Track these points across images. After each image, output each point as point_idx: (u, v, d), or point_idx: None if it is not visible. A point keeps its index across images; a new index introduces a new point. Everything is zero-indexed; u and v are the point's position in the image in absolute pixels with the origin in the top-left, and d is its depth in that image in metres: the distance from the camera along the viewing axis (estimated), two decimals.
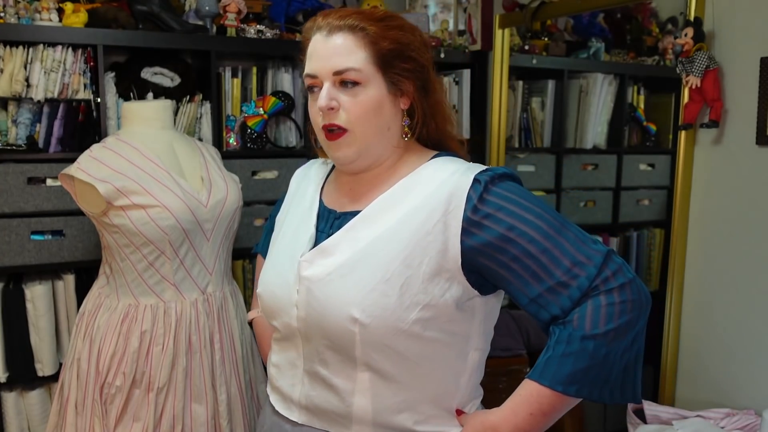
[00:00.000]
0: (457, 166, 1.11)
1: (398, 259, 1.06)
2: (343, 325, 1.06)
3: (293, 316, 1.14)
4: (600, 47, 2.74)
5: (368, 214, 1.12)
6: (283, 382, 1.20)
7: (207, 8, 2.34)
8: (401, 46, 1.11)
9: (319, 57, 1.11)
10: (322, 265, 1.11)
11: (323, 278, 1.10)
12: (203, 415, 1.83)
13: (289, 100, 2.45)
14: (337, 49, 1.09)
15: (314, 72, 1.12)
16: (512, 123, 2.75)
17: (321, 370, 1.13)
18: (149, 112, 1.91)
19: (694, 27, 1.85)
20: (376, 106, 1.10)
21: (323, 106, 1.10)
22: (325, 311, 1.08)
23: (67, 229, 2.14)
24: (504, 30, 2.61)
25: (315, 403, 1.14)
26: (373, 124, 1.11)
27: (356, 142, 1.11)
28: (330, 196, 1.23)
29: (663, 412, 1.84)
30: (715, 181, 1.90)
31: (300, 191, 1.30)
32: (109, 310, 1.81)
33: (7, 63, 2.07)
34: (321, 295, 1.09)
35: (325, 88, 1.10)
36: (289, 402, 1.19)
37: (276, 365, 1.23)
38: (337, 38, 1.10)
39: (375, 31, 1.09)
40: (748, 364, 1.83)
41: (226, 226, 1.90)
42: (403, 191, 1.12)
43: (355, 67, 1.09)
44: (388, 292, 1.05)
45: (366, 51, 1.09)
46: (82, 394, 1.80)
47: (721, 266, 1.90)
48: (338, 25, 1.10)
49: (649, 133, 2.79)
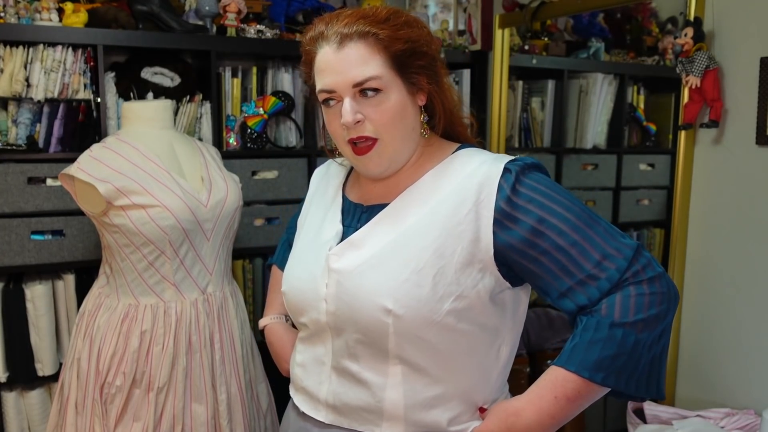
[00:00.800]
0: (485, 157, 1.11)
1: (430, 250, 1.06)
2: (375, 316, 1.05)
3: (322, 310, 1.12)
4: (600, 47, 2.74)
5: (397, 206, 1.12)
6: (310, 381, 1.18)
7: (207, 8, 2.34)
8: (413, 44, 1.09)
9: (334, 71, 1.07)
10: (352, 257, 1.10)
11: (353, 270, 1.09)
12: (203, 414, 1.83)
13: (289, 100, 2.45)
14: (352, 61, 1.06)
15: (331, 87, 1.08)
16: (512, 123, 2.75)
17: (351, 366, 1.11)
18: (149, 112, 1.91)
19: (694, 27, 1.85)
20: (400, 111, 1.09)
21: (349, 121, 1.06)
22: (357, 303, 1.07)
23: (67, 229, 2.14)
24: (504, 30, 2.62)
25: (343, 401, 1.12)
26: (400, 130, 1.10)
27: (386, 152, 1.10)
28: (354, 191, 1.22)
29: (663, 412, 1.84)
30: (715, 181, 1.90)
31: (320, 190, 1.30)
32: (109, 310, 1.81)
33: (7, 63, 2.07)
34: (352, 287, 1.08)
35: (347, 103, 1.07)
36: (315, 401, 1.17)
37: (301, 364, 1.21)
38: (350, 49, 1.06)
39: (386, 34, 1.06)
40: (748, 364, 1.83)
41: (226, 226, 1.90)
42: (431, 182, 1.12)
43: (374, 75, 1.06)
44: (421, 283, 1.04)
45: (381, 56, 1.07)
46: (82, 394, 1.80)
47: (721, 266, 1.90)
48: (347, 34, 1.06)
49: (649, 133, 2.79)
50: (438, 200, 1.09)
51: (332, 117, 1.11)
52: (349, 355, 1.11)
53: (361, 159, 1.11)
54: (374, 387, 1.09)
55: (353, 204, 1.19)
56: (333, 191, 1.25)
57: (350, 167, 1.28)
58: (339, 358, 1.12)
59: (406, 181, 1.14)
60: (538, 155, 2.75)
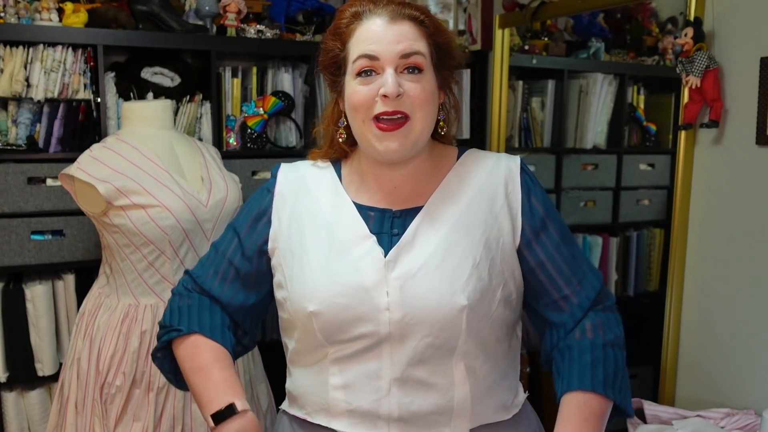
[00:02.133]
0: (494, 154, 1.20)
1: (480, 243, 1.10)
2: (451, 314, 1.05)
3: (383, 321, 1.06)
4: (600, 47, 2.74)
5: (432, 207, 1.13)
6: (363, 400, 1.09)
7: (207, 8, 2.34)
8: (450, 43, 1.15)
9: (383, 40, 1.07)
10: (409, 261, 1.09)
11: (416, 273, 1.07)
12: None
13: (289, 100, 2.45)
14: (403, 34, 1.08)
15: (376, 53, 1.07)
16: (512, 123, 2.75)
17: (416, 373, 1.08)
18: (149, 112, 1.91)
19: (694, 27, 1.85)
20: (432, 96, 1.11)
21: (393, 92, 1.05)
22: (429, 305, 1.06)
23: (67, 229, 2.14)
24: (504, 30, 2.62)
25: (411, 410, 1.08)
26: (430, 114, 1.11)
27: (414, 131, 1.09)
28: (363, 195, 1.16)
29: (663, 412, 1.84)
30: (715, 181, 1.90)
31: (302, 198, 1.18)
32: (109, 310, 1.81)
33: (7, 63, 2.07)
34: (419, 290, 1.06)
35: (390, 74, 1.06)
36: (374, 419, 1.09)
37: (345, 386, 1.10)
38: (402, 25, 1.08)
39: (433, 24, 1.11)
40: (748, 364, 1.83)
41: (226, 225, 1.90)
42: (457, 181, 1.15)
43: (422, 52, 1.09)
44: (482, 276, 1.08)
45: (426, 41, 1.10)
46: (82, 394, 1.80)
47: (721, 266, 1.90)
48: (401, 14, 1.09)
49: (649, 133, 2.79)
50: (471, 197, 1.13)
51: (365, 87, 1.08)
52: (417, 361, 1.07)
53: (387, 136, 1.07)
54: (444, 388, 1.09)
55: (374, 209, 1.14)
56: (332, 199, 1.17)
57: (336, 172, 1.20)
58: (402, 367, 1.07)
59: (426, 181, 1.16)
60: (538, 155, 2.75)
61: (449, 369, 1.09)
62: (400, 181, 1.16)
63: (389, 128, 1.07)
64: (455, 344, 1.07)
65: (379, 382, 1.08)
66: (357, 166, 1.19)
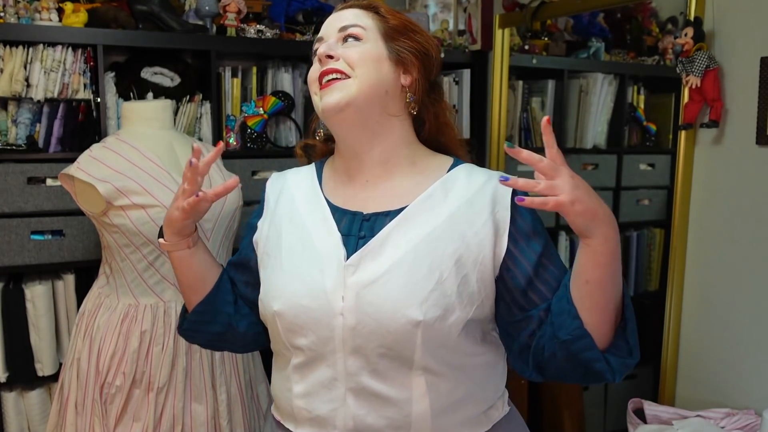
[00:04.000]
0: (488, 172, 1.15)
1: (453, 258, 1.05)
2: (404, 328, 1.01)
3: (337, 326, 1.05)
4: (600, 47, 2.74)
5: (410, 214, 1.09)
6: (321, 409, 1.08)
7: (207, 8, 2.34)
8: (408, 26, 1.16)
9: (329, 23, 1.16)
10: (371, 268, 1.05)
11: (375, 281, 1.04)
12: (203, 414, 1.83)
13: (289, 100, 2.45)
14: (345, 16, 1.15)
15: (322, 35, 1.16)
16: (512, 123, 2.75)
17: (372, 383, 1.05)
18: (149, 112, 1.91)
19: (694, 27, 1.85)
20: (375, 58, 1.11)
21: (322, 52, 1.12)
22: (382, 316, 1.02)
23: (67, 229, 2.14)
24: (504, 30, 2.62)
25: (367, 423, 1.06)
26: (371, 75, 1.10)
27: (352, 87, 1.09)
28: (339, 196, 1.17)
29: (663, 412, 1.84)
30: (715, 181, 1.90)
31: (283, 203, 1.21)
32: (109, 310, 1.81)
33: (7, 63, 2.07)
34: (375, 299, 1.03)
35: (327, 42, 1.14)
36: (331, 428, 1.08)
37: (305, 394, 1.10)
38: (349, 11, 1.15)
39: (386, 10, 1.15)
40: (748, 364, 1.83)
41: (226, 226, 1.90)
42: (441, 193, 1.11)
43: (360, 24, 1.13)
44: (447, 292, 1.04)
45: (373, 21, 1.14)
46: (82, 394, 1.80)
47: (721, 266, 1.90)
48: (354, 4, 1.17)
49: (649, 133, 2.79)
50: (452, 211, 1.09)
51: (313, 67, 1.15)
52: (370, 371, 1.05)
53: (325, 92, 1.11)
54: (400, 402, 1.05)
55: (346, 211, 1.14)
56: (309, 199, 1.18)
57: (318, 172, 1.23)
58: (356, 377, 1.05)
59: (408, 189, 1.13)
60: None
61: (407, 382, 1.05)
62: (372, 174, 1.15)
63: (326, 85, 1.11)
64: (411, 358, 1.03)
65: (334, 392, 1.07)
66: (333, 164, 1.22)
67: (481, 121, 2.73)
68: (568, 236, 2.79)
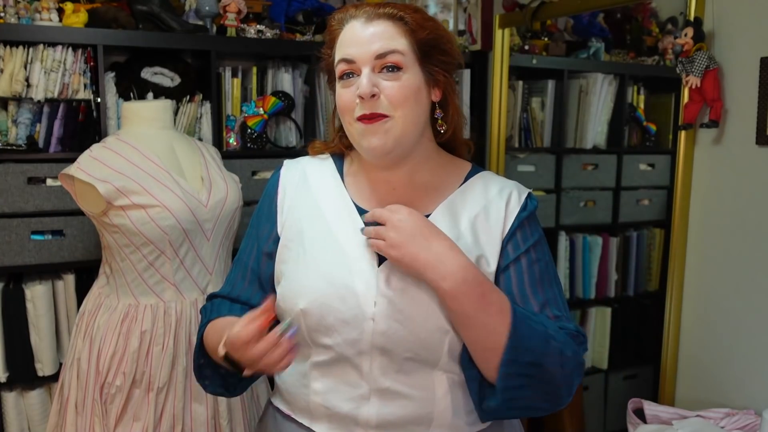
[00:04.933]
0: (503, 181, 1.19)
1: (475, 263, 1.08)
2: (433, 336, 1.04)
3: (366, 330, 1.06)
4: (600, 47, 2.75)
5: (434, 221, 1.11)
6: (342, 407, 1.09)
7: (207, 8, 2.34)
8: (438, 37, 1.11)
9: (358, 42, 1.08)
10: (403, 275, 1.07)
11: (407, 288, 1.06)
12: (203, 414, 1.83)
13: (289, 100, 2.45)
14: (378, 34, 1.07)
15: (352, 56, 1.08)
16: (512, 123, 2.75)
17: (395, 385, 1.07)
18: (149, 112, 1.91)
19: (694, 27, 1.85)
20: (415, 92, 1.08)
21: (366, 92, 1.05)
22: (413, 323, 1.05)
23: (67, 229, 2.14)
24: (504, 30, 2.62)
25: (390, 420, 1.08)
26: (412, 113, 1.08)
27: (396, 129, 1.07)
28: (365, 198, 1.16)
29: (663, 412, 1.84)
30: (715, 181, 1.90)
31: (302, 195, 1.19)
32: (109, 310, 1.81)
33: (7, 63, 2.07)
34: (407, 307, 1.05)
35: (366, 74, 1.06)
36: (352, 425, 1.09)
37: (326, 392, 1.10)
38: (378, 25, 1.08)
39: (414, 20, 1.09)
40: (748, 364, 1.83)
41: (226, 226, 1.90)
42: (461, 202, 1.14)
43: (398, 50, 1.07)
44: None
45: (406, 38, 1.08)
46: (82, 394, 1.80)
47: (721, 266, 1.90)
48: (377, 13, 1.09)
49: (649, 133, 2.79)
50: (470, 220, 1.12)
51: (346, 90, 1.09)
52: (396, 372, 1.07)
53: (368, 130, 1.07)
54: (424, 400, 1.08)
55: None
56: (334, 197, 1.17)
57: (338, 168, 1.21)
58: (381, 378, 1.07)
59: (428, 191, 1.15)
60: (538, 155, 2.75)
61: (430, 382, 1.08)
62: (397, 182, 1.15)
63: (369, 122, 1.07)
64: (437, 362, 1.07)
65: (358, 391, 1.08)
66: (356, 166, 1.20)
67: (481, 121, 2.73)
68: (568, 237, 2.79)
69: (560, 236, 2.77)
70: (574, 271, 2.80)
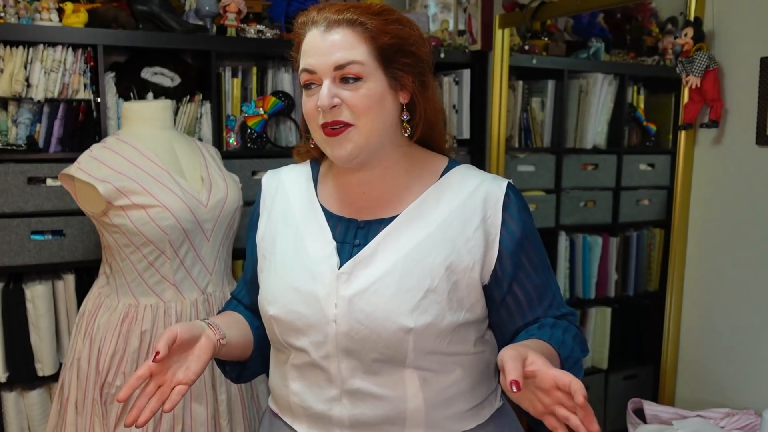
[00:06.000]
0: (483, 175, 1.15)
1: (443, 266, 1.07)
2: (396, 335, 1.04)
3: (330, 332, 1.07)
4: (600, 47, 2.75)
5: (402, 222, 1.10)
6: (316, 406, 1.12)
7: (207, 8, 2.34)
8: (401, 40, 1.08)
9: (318, 52, 1.06)
10: (363, 276, 1.07)
11: (367, 289, 1.06)
12: (203, 414, 1.83)
13: (289, 100, 2.45)
14: (336, 44, 1.05)
15: (312, 67, 1.07)
16: (512, 123, 2.76)
17: (366, 384, 1.08)
18: (149, 112, 1.91)
19: (694, 27, 1.85)
20: (379, 100, 1.07)
21: (325, 104, 1.04)
22: (374, 323, 1.05)
23: (67, 229, 2.14)
24: (504, 30, 2.62)
25: (362, 420, 1.09)
26: (376, 119, 1.07)
27: (359, 137, 1.07)
28: (335, 202, 1.17)
29: (663, 412, 1.84)
30: (715, 181, 1.90)
31: (279, 203, 1.22)
32: (109, 310, 1.81)
33: (7, 63, 2.07)
34: (367, 307, 1.06)
35: (326, 86, 1.05)
36: (328, 424, 1.12)
37: (302, 391, 1.14)
38: (336, 33, 1.06)
39: (374, 25, 1.06)
40: (748, 364, 1.83)
41: (226, 225, 1.90)
42: (434, 199, 1.12)
43: (357, 60, 1.05)
44: (438, 299, 1.06)
45: (367, 45, 1.06)
46: (82, 394, 1.80)
47: (721, 266, 1.90)
48: (336, 20, 1.06)
49: (649, 133, 2.80)
50: (444, 217, 1.10)
51: (309, 100, 1.09)
52: (363, 372, 1.08)
53: (332, 141, 1.07)
54: (395, 399, 1.08)
55: (341, 218, 1.15)
56: (304, 203, 1.19)
57: (313, 174, 1.23)
58: (350, 379, 1.09)
59: (399, 193, 1.13)
60: (538, 155, 2.75)
61: (401, 380, 1.08)
62: (368, 186, 1.15)
63: (332, 133, 1.07)
64: (404, 360, 1.06)
65: (329, 393, 1.10)
66: (330, 170, 1.21)
67: (481, 121, 2.73)
68: (568, 236, 2.80)
69: (560, 236, 2.77)
70: (574, 271, 2.81)
